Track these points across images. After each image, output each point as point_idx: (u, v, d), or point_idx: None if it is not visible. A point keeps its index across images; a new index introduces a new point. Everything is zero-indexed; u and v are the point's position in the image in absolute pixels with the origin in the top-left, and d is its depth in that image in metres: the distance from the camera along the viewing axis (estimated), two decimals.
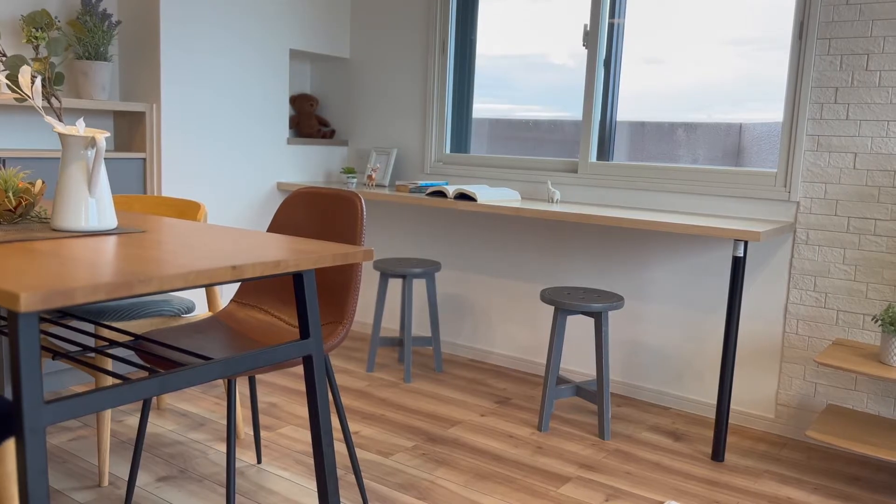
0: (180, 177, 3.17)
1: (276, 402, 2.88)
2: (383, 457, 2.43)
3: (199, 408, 2.78)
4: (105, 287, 1.11)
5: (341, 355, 3.52)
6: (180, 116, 3.14)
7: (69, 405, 1.16)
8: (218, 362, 1.38)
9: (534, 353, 3.39)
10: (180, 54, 3.11)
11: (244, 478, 2.24)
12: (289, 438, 2.54)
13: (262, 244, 1.54)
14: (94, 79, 2.96)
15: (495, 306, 3.49)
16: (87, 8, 2.93)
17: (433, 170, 3.68)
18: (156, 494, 2.11)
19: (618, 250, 3.12)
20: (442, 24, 3.59)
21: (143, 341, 1.77)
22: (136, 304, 2.22)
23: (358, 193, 1.98)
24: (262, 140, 3.52)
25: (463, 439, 2.60)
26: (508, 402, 3.00)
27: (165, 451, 2.40)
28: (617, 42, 3.16)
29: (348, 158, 4.00)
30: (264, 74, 3.48)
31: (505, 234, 3.43)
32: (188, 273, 1.22)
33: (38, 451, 1.12)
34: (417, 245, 3.72)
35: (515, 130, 3.51)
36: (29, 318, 1.09)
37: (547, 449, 2.55)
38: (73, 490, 2.12)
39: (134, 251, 1.40)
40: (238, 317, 2.06)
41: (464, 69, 3.63)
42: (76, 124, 1.56)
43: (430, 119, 3.65)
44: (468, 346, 3.59)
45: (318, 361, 1.58)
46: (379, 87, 3.83)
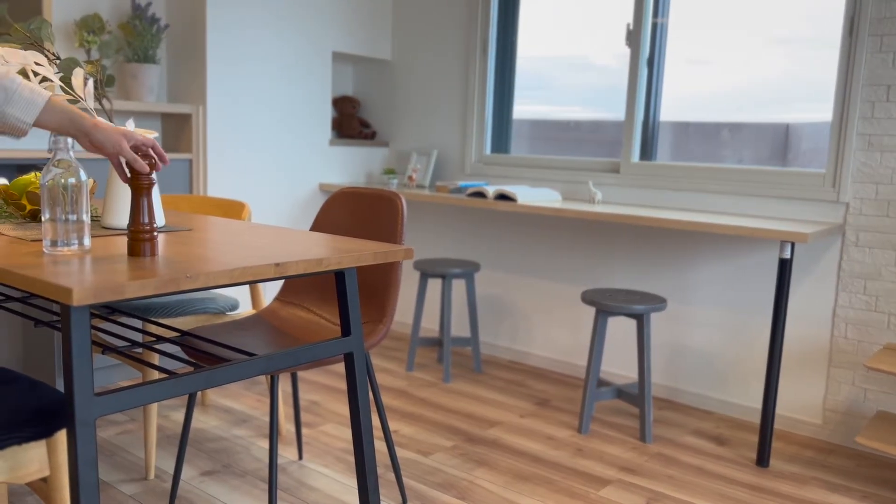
0: (225, 177, 3.23)
1: (317, 399, 2.91)
2: (423, 456, 2.43)
3: (242, 404, 2.83)
4: (153, 283, 1.14)
5: (381, 354, 3.55)
6: (226, 118, 3.20)
7: (118, 398, 1.19)
8: (261, 358, 1.40)
9: (574, 355, 3.37)
10: (226, 57, 3.16)
11: (286, 474, 2.27)
12: (330, 436, 2.56)
13: (304, 243, 1.56)
14: (143, 81, 3.03)
15: (535, 307, 3.48)
16: (136, 12, 3.00)
17: (473, 170, 3.68)
18: (200, 488, 2.16)
19: (660, 251, 3.08)
20: (483, 25, 3.59)
21: (188, 337, 1.81)
22: (183, 301, 2.27)
23: (399, 193, 2.00)
24: (305, 141, 3.56)
25: (502, 440, 2.59)
26: (548, 403, 2.98)
27: (209, 447, 2.44)
28: (660, 41, 3.12)
29: (389, 159, 4.02)
30: (307, 77, 3.52)
31: (545, 234, 3.41)
32: (233, 270, 1.24)
33: (88, 443, 1.15)
34: (457, 245, 3.73)
35: (556, 131, 3.49)
36: (80, 313, 1.12)
37: (587, 451, 2.53)
38: (121, 482, 2.18)
39: (181, 249, 1.43)
40: (281, 314, 2.09)
41: (504, 70, 3.63)
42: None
43: (471, 120, 3.65)
44: (507, 347, 3.58)
45: (359, 359, 1.59)
46: (420, 88, 3.84)
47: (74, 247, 1.34)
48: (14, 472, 1.29)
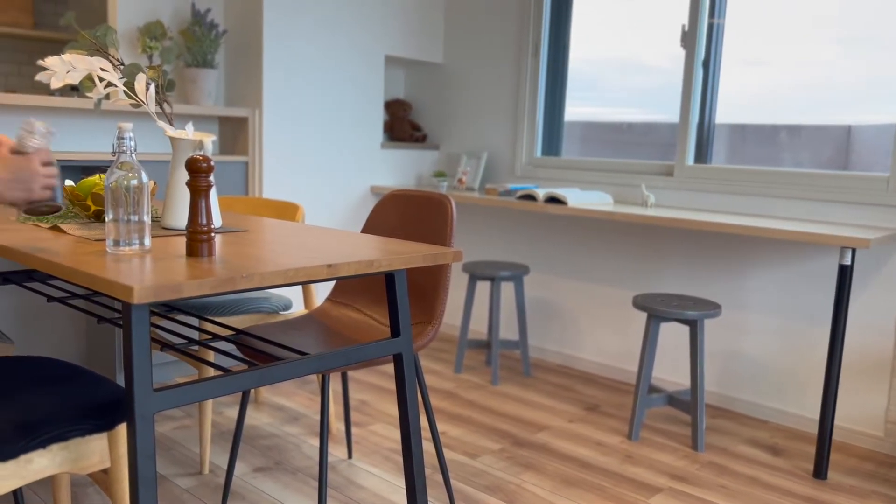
0: (280, 179, 3.30)
1: (366, 399, 2.94)
2: (470, 458, 2.44)
3: (294, 402, 2.87)
4: (210, 283, 1.17)
5: (429, 356, 3.56)
6: (280, 121, 3.26)
7: (176, 393, 1.23)
8: (313, 357, 1.42)
9: (624, 361, 3.33)
10: (281, 62, 3.23)
11: (335, 472, 2.30)
12: (379, 436, 2.59)
13: (355, 244, 1.58)
14: (202, 85, 3.11)
15: (585, 311, 3.45)
16: (196, 18, 3.08)
17: (524, 173, 3.67)
18: (252, 484, 2.20)
19: (715, 256, 3.02)
20: (535, 27, 3.58)
21: (243, 336, 1.85)
22: (238, 301, 2.32)
23: (448, 196, 2.01)
24: (357, 144, 3.61)
25: (550, 444, 2.58)
26: (597, 409, 2.96)
27: (262, 443, 2.49)
28: (716, 42, 3.06)
29: (439, 162, 4.04)
30: (360, 80, 3.56)
31: (596, 238, 3.38)
32: (287, 271, 1.27)
33: (146, 436, 1.19)
34: (506, 248, 3.72)
35: (609, 133, 3.46)
36: (141, 310, 1.16)
37: (637, 458, 2.50)
38: (177, 476, 2.24)
39: (237, 249, 1.47)
40: (332, 314, 2.12)
41: (556, 72, 3.61)
42: (185, 128, 1.65)
43: (522, 122, 3.65)
44: (556, 350, 3.56)
45: (408, 360, 1.60)
46: (470, 91, 3.85)
47: (136, 246, 1.38)
48: (77, 463, 1.34)
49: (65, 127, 2.84)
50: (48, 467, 1.30)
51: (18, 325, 2.79)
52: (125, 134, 1.43)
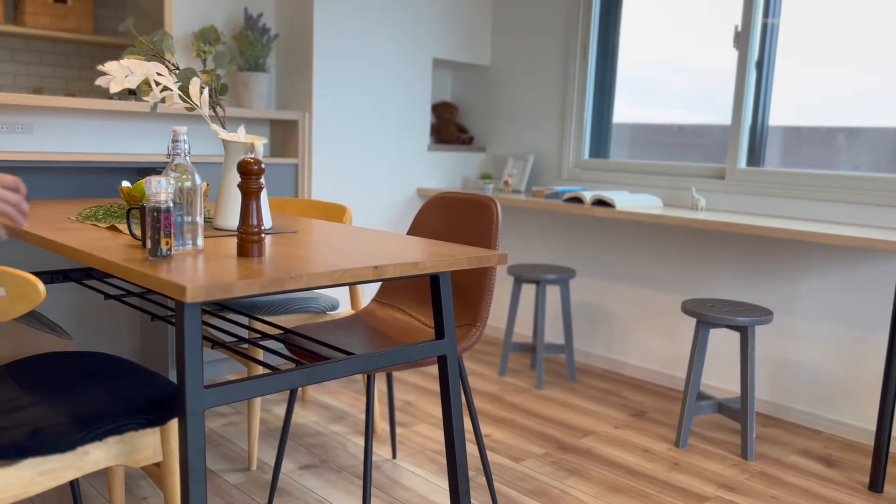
0: (328, 181, 3.34)
1: (411, 400, 2.96)
2: (514, 461, 2.43)
3: (339, 402, 2.91)
4: (259, 283, 1.20)
5: (474, 358, 3.56)
6: (330, 124, 3.31)
7: (225, 391, 1.26)
8: (358, 357, 1.44)
9: (672, 367, 3.28)
10: (331, 65, 3.27)
11: (380, 471, 2.32)
12: (422, 436, 2.60)
13: (401, 246, 1.60)
14: (254, 89, 3.17)
15: (632, 316, 3.40)
16: (249, 23, 3.15)
17: (571, 175, 3.65)
18: (298, 481, 2.23)
19: (767, 262, 2.95)
20: (584, 28, 3.55)
21: (291, 335, 1.89)
22: (286, 300, 2.36)
23: (493, 198, 2.01)
24: (404, 147, 3.63)
25: (596, 450, 2.55)
26: (644, 415, 2.92)
27: (308, 441, 2.53)
28: (770, 43, 3.00)
29: (485, 164, 4.04)
30: (408, 83, 3.59)
31: (645, 241, 3.34)
32: (334, 272, 1.29)
33: (197, 431, 1.22)
34: (552, 251, 3.70)
35: (658, 135, 3.41)
36: (193, 309, 1.19)
37: (685, 466, 2.45)
38: (225, 471, 2.29)
39: (286, 250, 1.49)
40: (378, 315, 2.14)
41: (605, 73, 3.57)
42: (237, 131, 1.69)
43: (569, 124, 3.62)
44: (602, 355, 3.52)
45: (452, 361, 1.61)
46: (518, 93, 3.84)
47: (189, 246, 1.42)
48: (131, 456, 1.38)
49: (121, 130, 2.93)
50: (104, 459, 1.35)
51: (77, 322, 2.89)
52: (180, 137, 1.47)
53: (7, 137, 2.65)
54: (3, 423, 1.31)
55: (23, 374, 1.53)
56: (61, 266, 2.84)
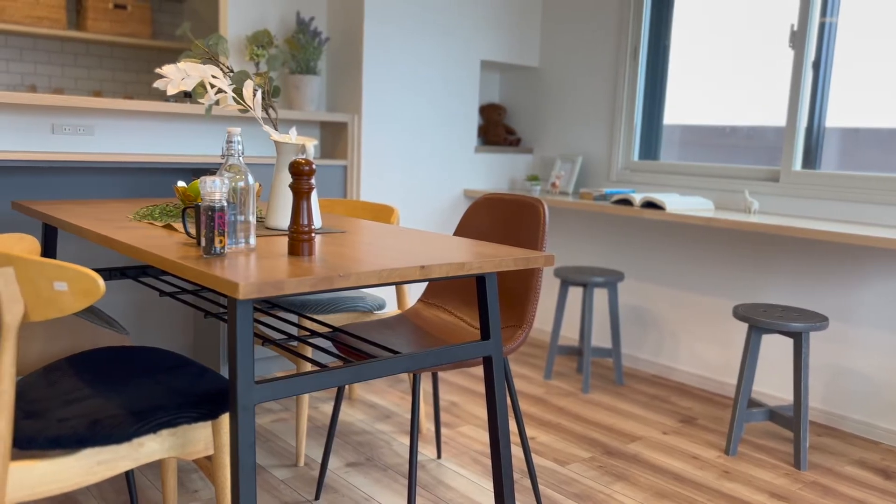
0: (376, 182, 3.37)
1: (456, 400, 2.96)
2: (559, 465, 2.42)
3: (385, 400, 2.93)
4: (309, 281, 1.22)
5: (519, 360, 3.55)
6: (378, 126, 3.34)
7: (275, 387, 1.28)
8: (404, 356, 1.45)
9: (723, 373, 3.21)
10: (380, 68, 3.30)
11: (425, 471, 2.33)
12: (467, 437, 2.61)
13: (448, 247, 1.61)
14: (305, 91, 3.23)
15: (682, 321, 3.35)
16: (301, 26, 3.20)
17: (620, 177, 3.61)
18: (344, 478, 2.26)
19: (823, 266, 2.87)
20: (634, 28, 3.51)
21: (339, 333, 1.91)
22: (335, 299, 2.40)
23: (541, 199, 2.00)
24: (452, 148, 3.65)
25: (643, 455, 2.52)
26: (693, 421, 2.87)
27: (354, 439, 2.56)
28: (828, 42, 2.92)
29: (533, 166, 4.03)
30: (456, 85, 3.60)
31: (695, 245, 3.28)
32: (381, 271, 1.30)
33: (247, 426, 1.25)
34: (600, 254, 3.67)
35: (710, 137, 3.35)
36: (245, 306, 1.22)
37: (735, 474, 2.41)
38: (274, 467, 2.33)
39: (335, 250, 1.52)
40: (424, 315, 2.15)
41: (656, 73, 3.53)
42: (289, 133, 1.72)
43: (618, 126, 3.59)
44: (651, 360, 3.47)
45: (498, 363, 1.61)
46: (566, 94, 3.82)
47: (241, 245, 1.45)
48: (183, 449, 1.42)
49: (177, 131, 3.01)
50: (157, 451, 1.39)
51: (133, 317, 2.98)
52: (234, 138, 1.50)
53: (70, 139, 2.75)
54: (64, 413, 1.36)
55: (82, 367, 1.59)
56: (119, 263, 2.93)
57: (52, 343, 1.75)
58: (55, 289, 1.18)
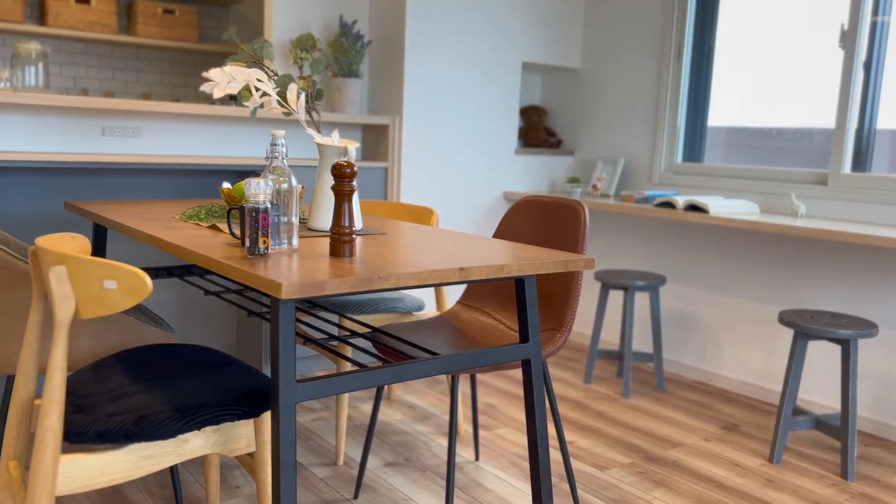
0: (416, 184, 3.39)
1: (494, 403, 2.96)
2: (598, 470, 2.40)
3: (424, 401, 2.94)
4: (350, 282, 1.23)
5: (558, 364, 3.53)
6: (419, 128, 3.36)
7: (316, 385, 1.30)
8: (443, 358, 1.46)
9: (767, 380, 3.15)
10: (421, 71, 3.32)
11: (462, 473, 2.34)
12: (505, 440, 2.60)
13: (487, 249, 1.61)
14: (347, 94, 3.26)
15: (725, 326, 3.29)
16: (344, 30, 3.24)
17: (662, 180, 3.56)
18: (383, 478, 2.28)
19: (873, 272, 2.79)
20: (678, 28, 3.47)
21: (379, 334, 1.93)
22: (374, 300, 2.41)
23: (581, 202, 1.99)
24: (492, 150, 3.64)
25: (684, 462, 2.49)
26: (736, 428, 2.82)
27: (393, 439, 2.57)
28: (880, 42, 2.84)
29: (574, 168, 4.00)
30: (497, 88, 3.60)
31: (740, 249, 3.22)
32: (421, 273, 1.31)
33: (289, 425, 1.27)
34: (642, 257, 3.63)
35: (756, 139, 3.29)
36: (287, 305, 1.24)
37: (779, 483, 2.36)
38: (314, 465, 2.36)
39: (375, 251, 1.53)
40: (462, 317, 2.15)
41: (700, 74, 3.48)
42: (332, 135, 1.74)
43: (661, 128, 3.54)
44: (693, 366, 3.42)
45: (536, 366, 1.61)
46: (608, 96, 3.79)
47: (284, 246, 1.48)
48: (226, 445, 1.45)
49: (223, 133, 3.07)
50: (201, 447, 1.42)
51: (178, 315, 3.04)
52: (278, 140, 1.53)
53: (119, 141, 2.82)
54: (112, 408, 1.40)
55: (130, 363, 1.63)
56: (166, 263, 3.00)
57: (101, 340, 1.80)
58: (105, 287, 1.22)
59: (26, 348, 1.41)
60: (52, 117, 2.68)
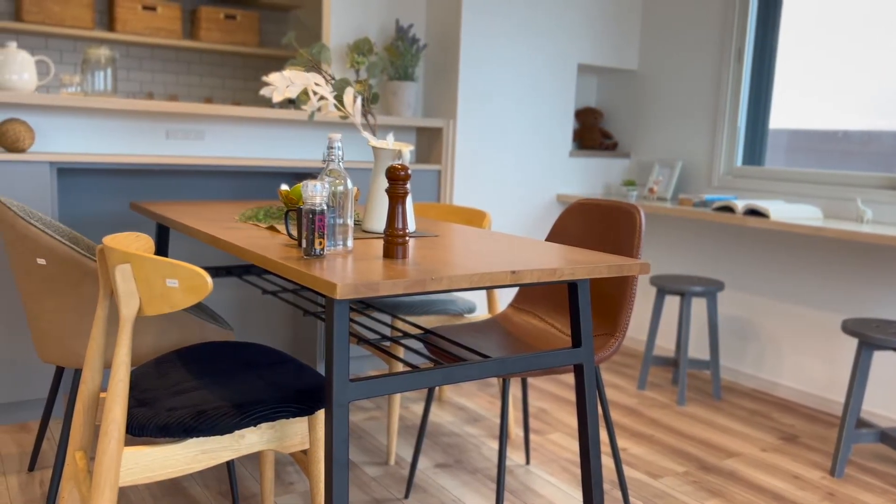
0: (469, 186, 3.40)
1: (546, 407, 2.94)
2: (651, 478, 2.36)
3: (475, 404, 2.95)
4: (403, 283, 1.24)
5: (611, 370, 3.49)
6: (472, 131, 3.36)
7: (369, 385, 1.32)
8: (494, 361, 1.46)
9: (829, 390, 3.05)
10: (476, 73, 3.33)
11: (513, 476, 2.33)
12: (556, 445, 2.58)
13: (540, 252, 1.60)
14: (402, 98, 3.29)
15: (786, 334, 3.20)
16: (400, 34, 3.27)
17: (721, 183, 3.49)
18: (433, 479, 2.29)
19: None
20: (740, 29, 3.39)
21: (431, 335, 1.94)
22: (426, 302, 2.43)
23: (637, 206, 1.96)
24: (545, 152, 3.63)
25: (740, 472, 2.43)
26: (796, 440, 2.74)
27: (444, 441, 2.58)
28: None
29: (630, 171, 3.95)
30: (552, 89, 3.58)
31: (802, 255, 3.13)
32: (472, 275, 1.32)
33: (342, 422, 1.29)
34: (699, 262, 3.56)
35: (819, 142, 3.19)
36: (342, 306, 1.26)
37: (840, 497, 2.28)
38: (365, 464, 2.38)
39: (428, 253, 1.54)
40: (514, 320, 2.15)
41: (762, 75, 3.39)
42: (386, 138, 1.76)
43: (721, 130, 3.47)
44: (751, 374, 3.34)
45: (589, 371, 1.59)
46: (666, 97, 3.73)
47: (340, 247, 1.50)
48: (281, 442, 1.48)
49: (281, 137, 3.13)
50: (257, 443, 1.45)
51: (236, 314, 3.12)
52: (334, 144, 1.55)
53: (182, 143, 2.91)
54: (173, 403, 1.44)
55: (190, 359, 1.68)
56: (225, 262, 3.08)
57: (163, 336, 1.86)
58: (167, 285, 1.26)
59: (93, 343, 1.47)
60: (119, 121, 2.78)
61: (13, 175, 2.38)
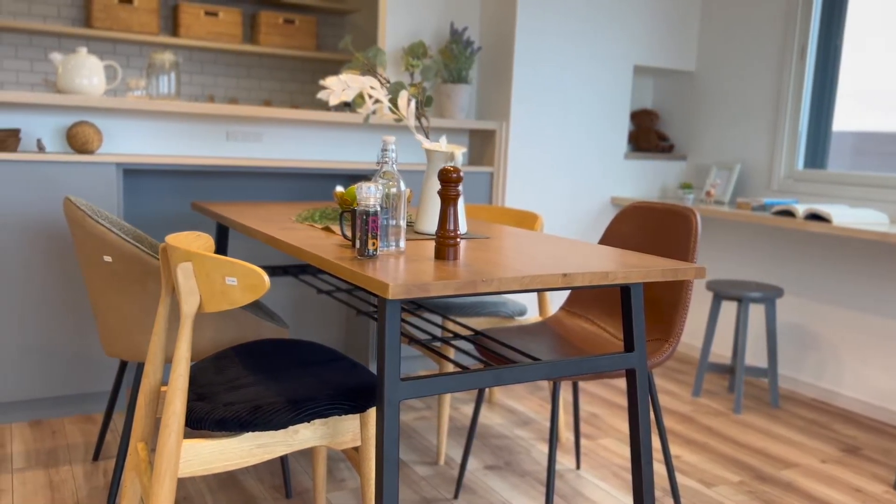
0: (521, 189, 3.39)
1: (597, 412, 2.92)
2: (705, 486, 2.32)
3: (525, 406, 2.94)
4: (454, 284, 1.26)
5: (665, 375, 3.44)
6: (526, 133, 3.36)
7: (420, 384, 1.33)
8: (545, 364, 1.46)
9: (892, 401, 2.94)
10: (530, 75, 3.32)
11: (563, 480, 2.32)
12: (608, 450, 2.56)
13: (592, 255, 1.59)
14: (456, 100, 3.31)
15: (848, 342, 3.10)
16: (454, 37, 3.29)
17: (781, 187, 3.40)
18: (483, 480, 2.29)
19: None
20: (802, 28, 3.30)
21: (481, 337, 1.95)
22: (477, 303, 2.44)
23: (693, 209, 1.93)
24: (600, 155, 3.59)
25: (798, 483, 2.36)
26: (857, 451, 2.65)
27: (493, 443, 2.58)
28: None
29: (686, 173, 3.88)
30: (607, 91, 3.55)
31: (866, 261, 3.03)
32: (523, 277, 1.32)
33: (393, 421, 1.31)
34: (758, 267, 3.47)
35: (887, 145, 3.08)
36: (394, 306, 1.28)
37: None
38: (415, 463, 2.40)
39: (479, 255, 1.55)
40: (565, 324, 2.14)
41: (825, 76, 3.30)
42: (439, 141, 1.78)
43: (782, 132, 3.38)
44: (811, 383, 3.24)
45: (642, 376, 1.58)
46: (724, 99, 3.66)
47: (392, 248, 1.52)
48: (333, 439, 1.51)
49: (337, 139, 3.18)
50: (310, 439, 1.48)
51: (292, 312, 3.18)
52: (389, 146, 1.58)
53: (241, 145, 2.98)
54: (230, 398, 1.48)
55: (246, 356, 1.73)
56: (282, 262, 3.14)
57: (221, 333, 1.91)
58: (227, 283, 1.30)
59: (155, 339, 1.52)
60: (181, 123, 2.87)
61: (82, 175, 2.48)
